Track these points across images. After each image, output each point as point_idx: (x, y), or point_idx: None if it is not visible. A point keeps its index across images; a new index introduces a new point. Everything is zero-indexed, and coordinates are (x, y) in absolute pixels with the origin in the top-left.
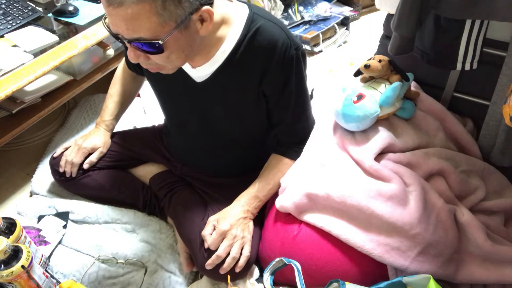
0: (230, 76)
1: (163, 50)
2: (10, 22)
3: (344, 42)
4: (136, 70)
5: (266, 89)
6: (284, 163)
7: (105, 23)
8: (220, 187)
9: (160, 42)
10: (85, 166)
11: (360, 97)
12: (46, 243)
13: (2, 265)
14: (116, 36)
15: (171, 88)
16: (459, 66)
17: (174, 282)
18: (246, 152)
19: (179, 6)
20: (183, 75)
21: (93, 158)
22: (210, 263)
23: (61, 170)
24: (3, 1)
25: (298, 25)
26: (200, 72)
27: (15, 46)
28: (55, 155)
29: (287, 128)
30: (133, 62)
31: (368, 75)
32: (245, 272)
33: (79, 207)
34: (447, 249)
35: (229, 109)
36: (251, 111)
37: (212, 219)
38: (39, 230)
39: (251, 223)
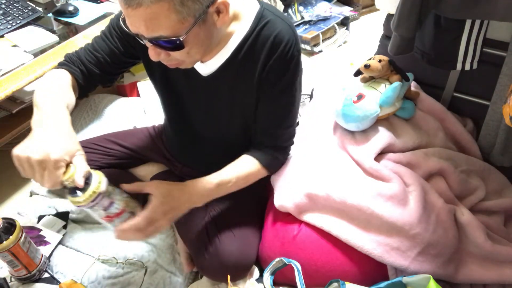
0: (235, 69)
1: (183, 46)
2: (10, 22)
3: (344, 42)
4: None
5: (262, 81)
6: (257, 170)
7: (124, 24)
8: None
9: (181, 38)
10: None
11: (360, 97)
12: (46, 243)
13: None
14: (136, 36)
15: (176, 82)
16: (459, 66)
17: (174, 282)
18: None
19: (196, 1)
20: (189, 69)
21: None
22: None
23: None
24: (3, 1)
25: (298, 25)
26: (207, 66)
27: (15, 46)
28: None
29: (267, 129)
30: (154, 60)
31: (368, 75)
32: (245, 272)
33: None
34: (447, 249)
35: (232, 103)
36: (253, 105)
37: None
38: (39, 230)
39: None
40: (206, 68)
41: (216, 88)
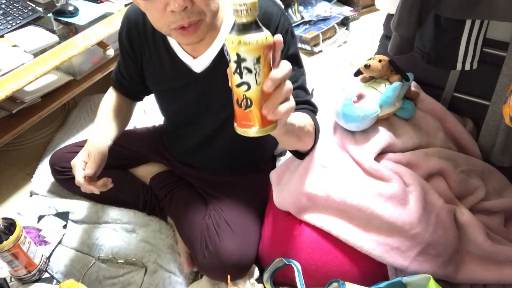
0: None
1: None
2: (10, 22)
3: (344, 42)
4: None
5: None
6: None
7: None
8: (220, 185)
9: None
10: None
11: (360, 97)
12: (46, 243)
13: None
14: None
15: (173, 83)
16: (459, 66)
17: (174, 282)
18: (246, 148)
19: None
20: (184, 68)
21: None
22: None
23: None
24: (3, 1)
25: (298, 25)
26: (200, 62)
27: (15, 46)
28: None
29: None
30: (177, 10)
31: (368, 75)
32: (245, 272)
33: (79, 207)
34: (447, 249)
35: (229, 99)
36: None
37: None
38: (39, 230)
39: None
40: (199, 63)
41: (212, 83)
